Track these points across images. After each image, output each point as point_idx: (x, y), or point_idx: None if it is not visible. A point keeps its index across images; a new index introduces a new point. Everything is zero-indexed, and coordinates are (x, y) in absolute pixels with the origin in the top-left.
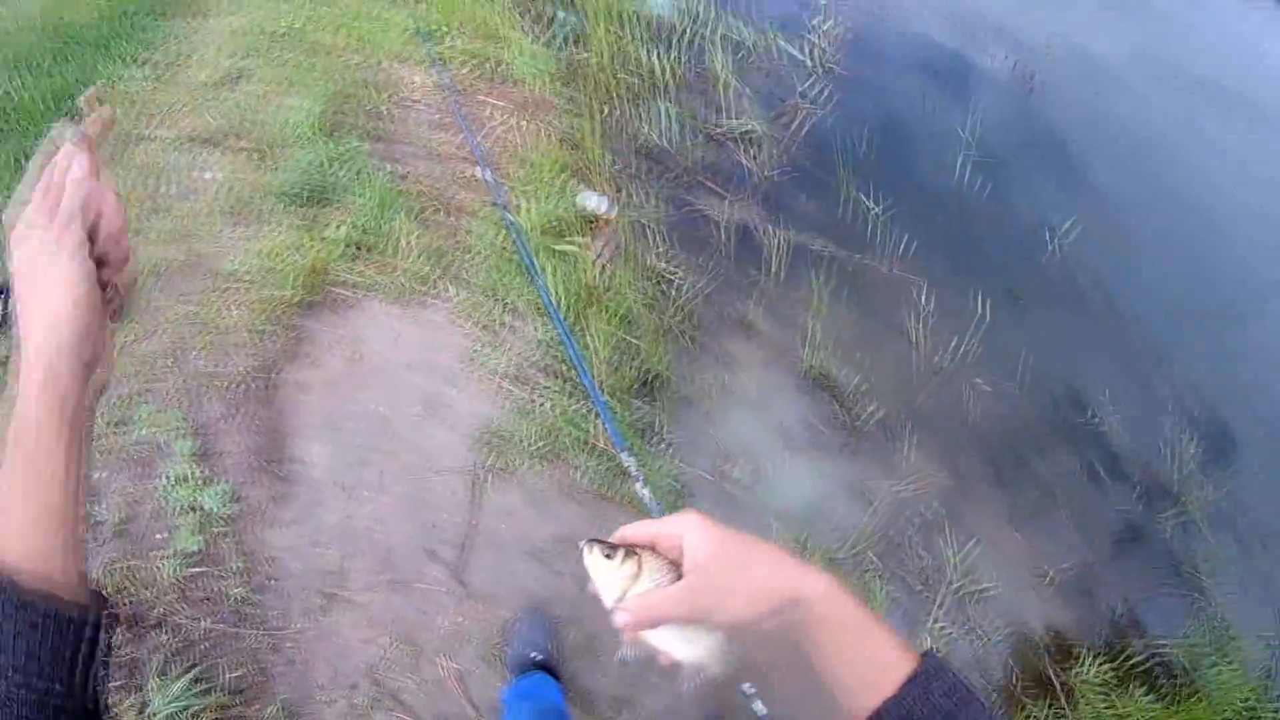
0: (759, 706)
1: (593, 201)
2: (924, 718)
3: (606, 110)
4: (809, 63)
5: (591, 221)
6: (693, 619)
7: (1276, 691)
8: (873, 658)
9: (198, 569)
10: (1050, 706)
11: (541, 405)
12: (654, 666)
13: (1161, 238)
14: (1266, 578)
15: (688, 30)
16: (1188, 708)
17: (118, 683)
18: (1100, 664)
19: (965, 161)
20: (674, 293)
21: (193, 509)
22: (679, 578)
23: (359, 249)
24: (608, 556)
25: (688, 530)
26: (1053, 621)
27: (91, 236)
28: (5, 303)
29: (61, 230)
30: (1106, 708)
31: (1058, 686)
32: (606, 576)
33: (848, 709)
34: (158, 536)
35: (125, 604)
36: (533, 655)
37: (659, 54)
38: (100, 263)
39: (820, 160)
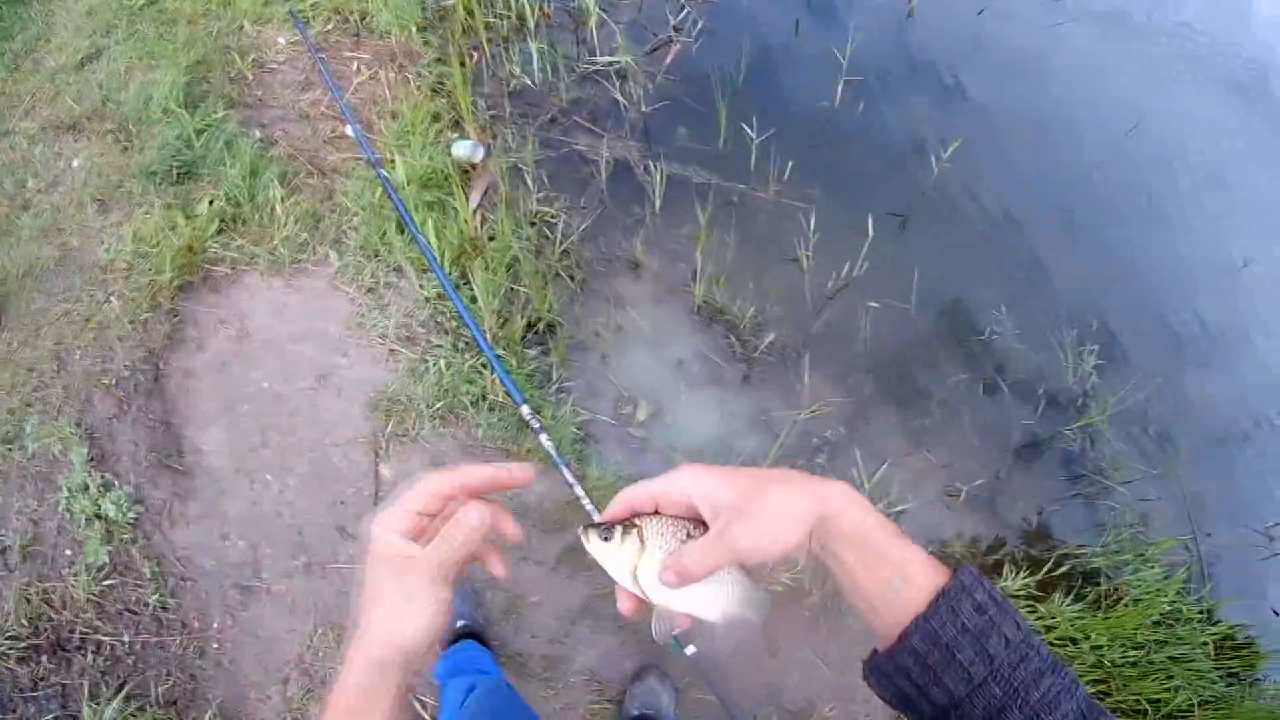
0: (689, 649)
1: (466, 149)
2: (953, 637)
3: (475, 55)
4: None
5: (467, 170)
6: (734, 563)
7: (1199, 590)
8: (899, 573)
9: (110, 581)
10: None
11: (434, 364)
12: (585, 621)
13: (1045, 150)
14: (1172, 477)
15: None
16: (1115, 613)
17: (51, 715)
18: (1023, 576)
19: (844, 85)
20: (556, 236)
21: (97, 518)
22: (688, 534)
23: (233, 222)
24: (606, 539)
25: (691, 481)
26: (970, 537)
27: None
28: None
29: (438, 568)
30: (1035, 618)
31: None
32: (611, 559)
33: (875, 628)
34: (66, 553)
35: (46, 629)
36: (458, 623)
37: None
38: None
39: (696, 91)
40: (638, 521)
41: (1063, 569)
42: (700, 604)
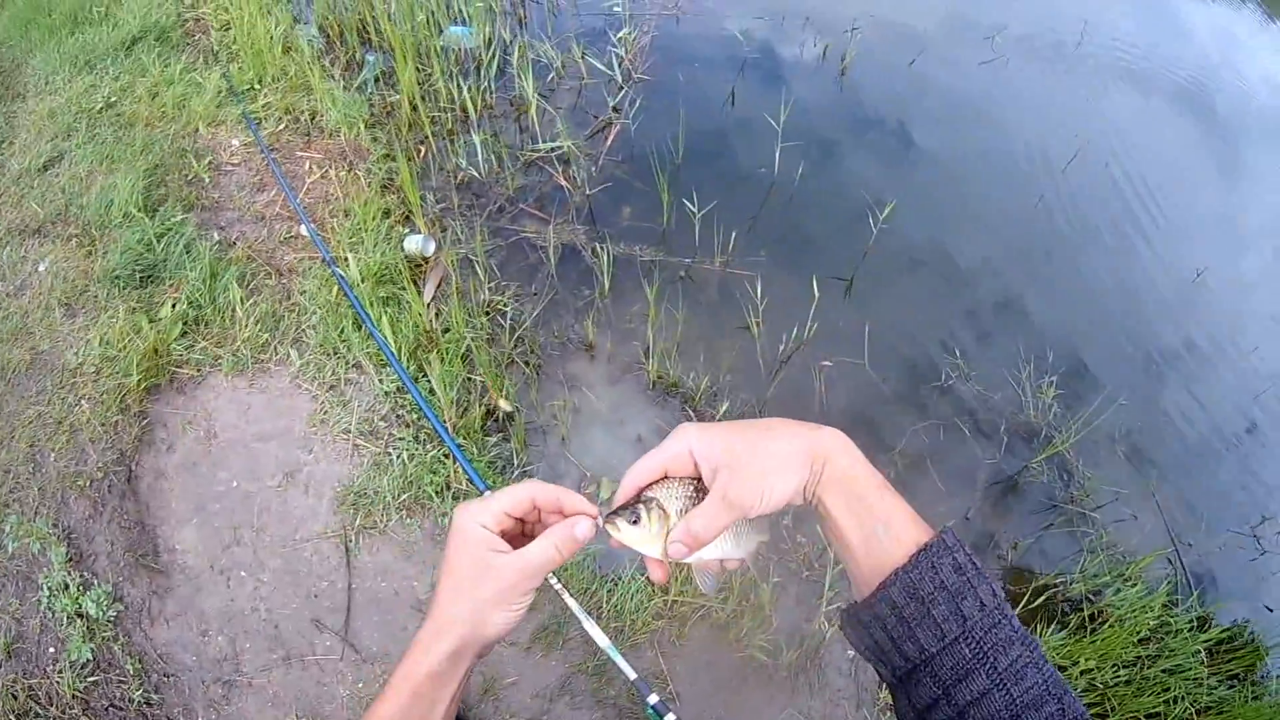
0: (670, 718)
1: (417, 244)
2: (931, 592)
3: (422, 150)
4: (616, 75)
5: (419, 264)
6: (738, 518)
7: (1186, 600)
8: (883, 523)
9: (94, 677)
10: None
11: (397, 456)
12: (562, 698)
13: (986, 191)
14: (1147, 495)
15: (496, 58)
16: (1101, 635)
17: None
18: None
19: (782, 151)
20: (509, 324)
21: (78, 616)
22: (701, 492)
23: (196, 325)
24: (634, 522)
25: (691, 442)
26: None
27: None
28: None
29: (535, 571)
30: None
31: None
32: (644, 540)
33: (855, 577)
34: (49, 650)
35: None
36: None
37: (467, 86)
38: None
39: (637, 170)
40: (651, 494)
41: (1041, 599)
42: (725, 549)
